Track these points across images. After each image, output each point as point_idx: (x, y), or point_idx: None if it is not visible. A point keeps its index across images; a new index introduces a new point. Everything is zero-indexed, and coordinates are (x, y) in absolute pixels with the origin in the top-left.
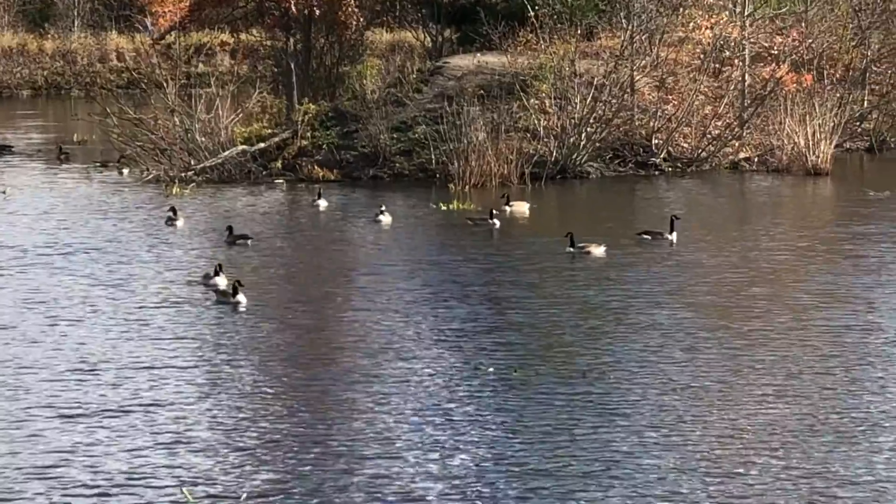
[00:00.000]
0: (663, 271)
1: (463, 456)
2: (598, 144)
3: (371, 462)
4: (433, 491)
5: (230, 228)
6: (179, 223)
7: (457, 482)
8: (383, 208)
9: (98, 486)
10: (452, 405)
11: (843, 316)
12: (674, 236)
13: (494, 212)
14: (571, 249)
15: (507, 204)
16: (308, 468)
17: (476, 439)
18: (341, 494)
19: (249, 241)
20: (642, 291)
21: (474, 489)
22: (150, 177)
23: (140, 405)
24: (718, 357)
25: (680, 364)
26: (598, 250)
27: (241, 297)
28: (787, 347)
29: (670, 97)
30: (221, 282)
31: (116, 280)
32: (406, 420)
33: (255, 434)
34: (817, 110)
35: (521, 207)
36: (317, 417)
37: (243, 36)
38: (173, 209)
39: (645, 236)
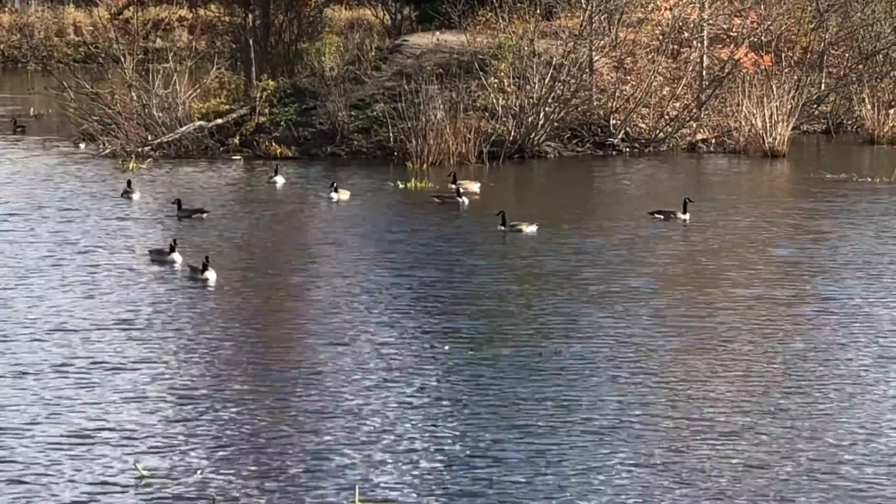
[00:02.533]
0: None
1: (420, 434)
2: (556, 124)
3: (327, 439)
4: (387, 477)
5: (178, 202)
6: (135, 196)
7: (413, 468)
8: (335, 185)
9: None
10: (407, 381)
11: (800, 288)
12: (687, 216)
13: (462, 189)
14: (503, 228)
15: (453, 183)
16: (261, 452)
17: (434, 418)
18: (298, 469)
19: (205, 215)
20: (618, 268)
21: (431, 476)
22: (106, 151)
23: (86, 366)
24: (681, 328)
25: (644, 332)
26: (530, 228)
27: (209, 274)
28: (749, 314)
29: (629, 78)
30: (177, 258)
31: (68, 252)
32: (359, 396)
33: (214, 410)
34: (775, 93)
35: (472, 187)
36: (274, 397)
37: (202, 11)
38: (129, 182)
39: (657, 215)
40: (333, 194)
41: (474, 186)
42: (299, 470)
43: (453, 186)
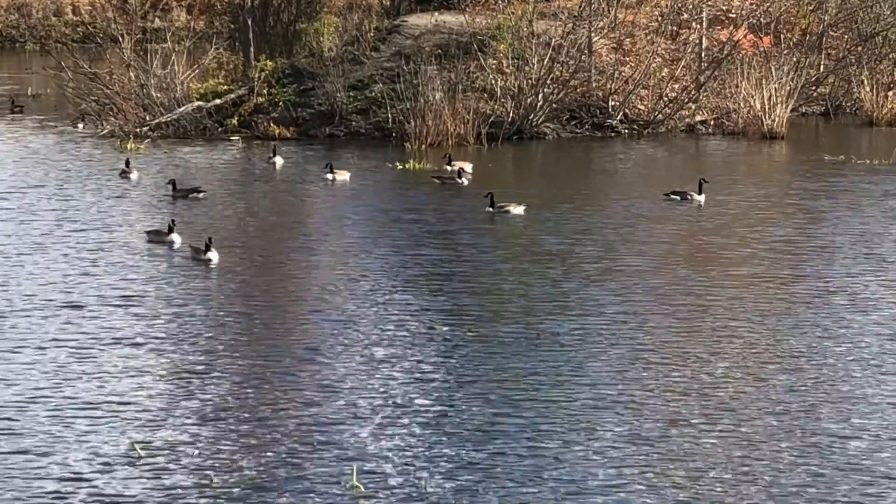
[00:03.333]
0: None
1: (418, 417)
2: (554, 105)
3: (327, 415)
4: (385, 452)
5: (173, 183)
6: (133, 176)
7: (410, 443)
8: (330, 165)
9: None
10: (406, 358)
11: (798, 267)
12: (702, 198)
13: (463, 170)
14: (491, 209)
15: (448, 163)
16: (260, 427)
17: (430, 399)
18: (293, 457)
19: (202, 195)
20: (617, 247)
21: (429, 451)
22: (105, 131)
23: (87, 342)
24: (679, 305)
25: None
26: (518, 209)
27: (212, 255)
28: (747, 293)
29: (627, 59)
30: (176, 238)
31: (67, 230)
32: (357, 379)
33: (213, 388)
34: (773, 74)
35: (465, 167)
36: (271, 378)
37: None
38: (127, 162)
39: (673, 196)
40: (329, 175)
41: (468, 167)
42: (297, 447)
43: (449, 168)
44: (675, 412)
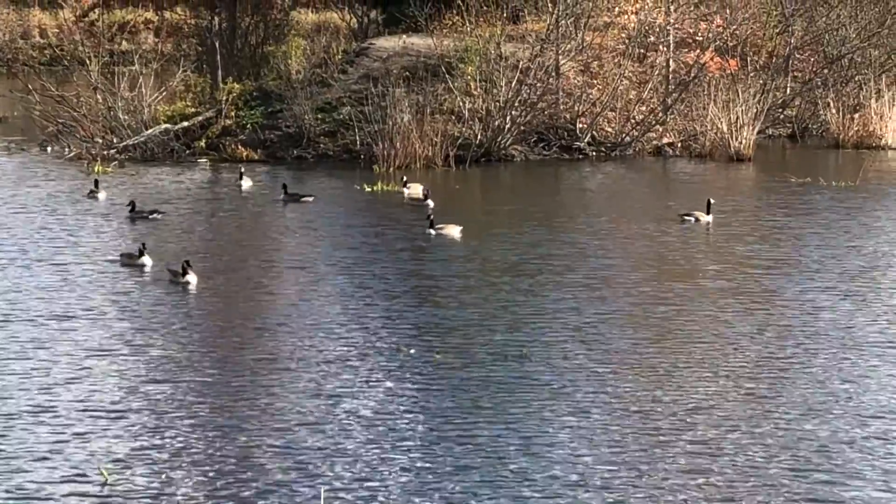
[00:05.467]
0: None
1: (389, 432)
2: (522, 128)
3: (297, 445)
4: (356, 468)
5: (132, 204)
6: (101, 196)
7: (383, 459)
8: (242, 170)
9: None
10: (373, 388)
11: (759, 283)
12: (710, 218)
13: (428, 192)
14: (432, 231)
15: (404, 186)
16: (230, 450)
17: (401, 424)
18: (264, 475)
19: (159, 216)
20: (577, 275)
21: (404, 468)
22: (72, 154)
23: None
24: (655, 327)
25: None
26: (454, 231)
27: (190, 278)
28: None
29: (595, 81)
30: (147, 261)
31: (36, 251)
32: (325, 403)
33: (180, 417)
34: (740, 96)
35: (416, 190)
36: (239, 400)
37: (168, 14)
38: (96, 182)
39: (687, 218)
40: (242, 182)
41: (417, 188)
42: (268, 469)
43: (405, 190)
44: (647, 422)
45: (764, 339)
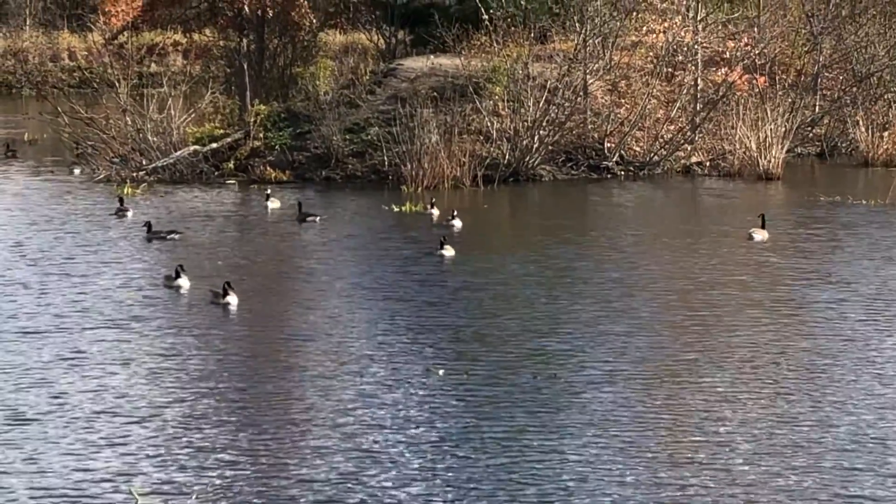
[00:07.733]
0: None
1: (419, 460)
2: (550, 147)
3: (324, 465)
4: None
5: (149, 224)
6: (129, 214)
7: (402, 475)
8: (269, 191)
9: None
10: (405, 408)
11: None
12: (764, 233)
13: (454, 212)
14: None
15: (432, 207)
16: (256, 469)
17: (430, 443)
18: (286, 495)
19: (177, 237)
20: (611, 294)
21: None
22: (101, 176)
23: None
24: (681, 346)
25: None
26: (449, 252)
27: (230, 298)
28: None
29: (623, 101)
30: (185, 283)
31: (69, 278)
32: (356, 423)
33: (208, 432)
34: (769, 115)
35: (437, 213)
36: (269, 420)
37: (196, 36)
38: (121, 200)
39: (755, 236)
40: (269, 203)
41: (434, 210)
42: (309, 486)
43: (433, 211)
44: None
45: (807, 355)
